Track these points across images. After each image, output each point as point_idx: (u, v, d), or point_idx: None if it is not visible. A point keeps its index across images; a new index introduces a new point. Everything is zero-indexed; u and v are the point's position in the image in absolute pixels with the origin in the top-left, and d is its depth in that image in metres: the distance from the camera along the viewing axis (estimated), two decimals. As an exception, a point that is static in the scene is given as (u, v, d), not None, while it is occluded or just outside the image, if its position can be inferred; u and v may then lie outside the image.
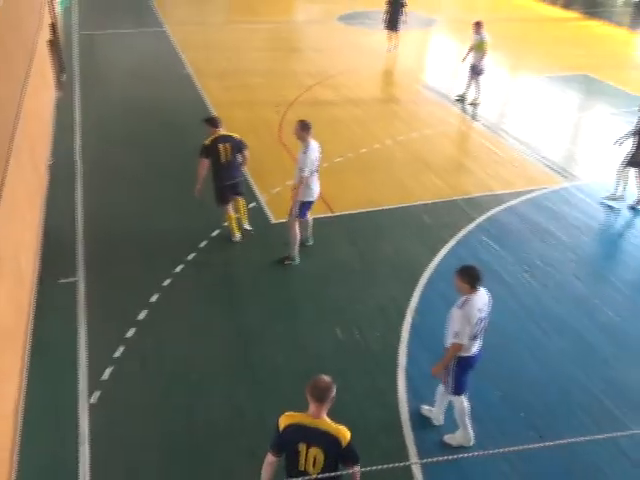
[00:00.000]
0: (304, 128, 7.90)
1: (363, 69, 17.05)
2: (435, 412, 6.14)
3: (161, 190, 10.45)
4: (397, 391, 6.49)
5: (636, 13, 26.38)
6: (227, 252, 8.80)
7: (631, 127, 10.27)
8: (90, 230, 9.18)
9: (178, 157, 11.64)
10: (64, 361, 6.78)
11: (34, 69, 11.05)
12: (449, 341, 5.46)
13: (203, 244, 8.87)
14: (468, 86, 14.67)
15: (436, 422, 6.14)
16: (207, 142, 8.63)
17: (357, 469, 4.25)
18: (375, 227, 9.39)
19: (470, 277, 5.28)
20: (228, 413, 6.21)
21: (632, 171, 10.20)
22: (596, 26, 23.45)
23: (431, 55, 19.98)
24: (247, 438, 5.93)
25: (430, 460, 5.67)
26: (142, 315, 7.45)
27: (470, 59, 14.49)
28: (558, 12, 26.39)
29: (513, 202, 10.27)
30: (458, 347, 5.37)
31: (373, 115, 13.76)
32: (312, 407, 4.22)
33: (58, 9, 17.95)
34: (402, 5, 18.10)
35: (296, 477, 4.18)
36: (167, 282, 8.04)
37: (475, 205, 10.13)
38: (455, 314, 5.31)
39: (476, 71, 14.41)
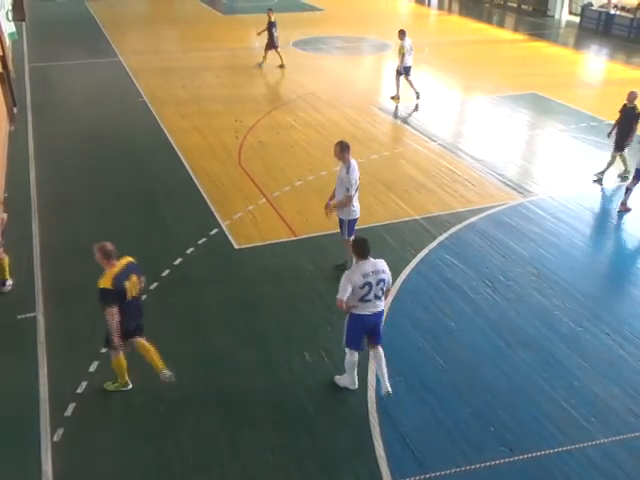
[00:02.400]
0: (344, 149, 8.23)
1: (319, 93, 17.25)
2: (382, 380, 6.60)
3: (119, 219, 10.31)
4: (368, 412, 6.46)
5: (580, 34, 27.43)
6: (191, 279, 8.70)
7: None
8: (48, 263, 8.97)
9: (135, 185, 11.56)
10: (25, 399, 6.55)
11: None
12: None
13: (166, 272, 8.75)
14: (412, 86, 16.57)
15: (385, 390, 6.54)
16: None
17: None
18: (338, 249, 9.41)
19: (356, 248, 6.35)
20: (199, 443, 6.08)
21: None
22: (543, 47, 24.28)
23: (386, 78, 20.32)
24: (220, 467, 5.82)
25: (404, 480, 5.70)
26: (105, 348, 7.25)
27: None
28: (507, 34, 27.25)
29: (473, 219, 10.46)
30: (339, 302, 6.18)
31: (331, 138, 13.82)
32: (110, 263, 6.03)
33: (7, 41, 17.68)
34: (270, 26, 19.33)
35: (127, 307, 6.09)
36: (130, 313, 7.88)
37: (436, 223, 10.27)
38: (343, 275, 6.26)
39: (400, 72, 16.44)
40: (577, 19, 29.19)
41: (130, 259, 6.29)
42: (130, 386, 6.67)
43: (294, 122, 14.97)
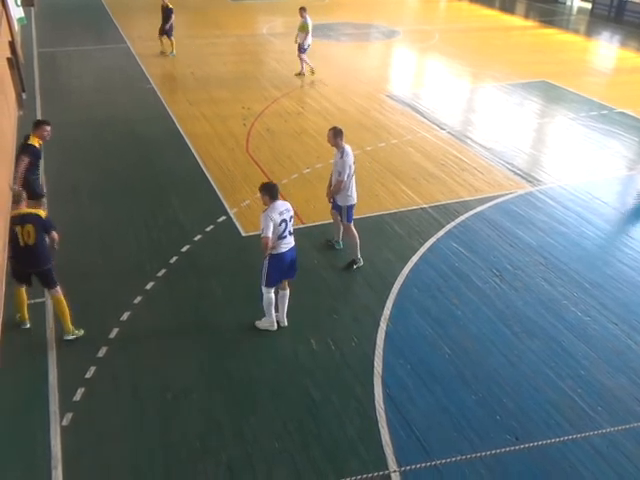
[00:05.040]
0: (337, 135, 8.42)
1: (328, 80, 17.17)
2: (280, 315, 7.47)
3: (127, 206, 10.34)
4: (374, 399, 6.49)
5: (591, 21, 27.13)
6: (198, 267, 8.73)
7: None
8: (56, 250, 9.00)
9: (143, 172, 11.58)
10: (34, 383, 6.62)
11: (-6, 87, 10.84)
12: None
13: (174, 259, 8.78)
14: (301, 63, 17.31)
15: (282, 324, 7.47)
16: None
17: (55, 234, 7.00)
18: (345, 237, 9.42)
19: (268, 191, 6.91)
20: (205, 428, 6.13)
21: None
22: (554, 34, 24.04)
23: (394, 65, 20.21)
24: (225, 452, 5.87)
25: (409, 468, 5.73)
26: (113, 334, 7.33)
27: (298, 39, 17.19)
28: (518, 21, 27.00)
29: (481, 208, 10.42)
30: (265, 240, 6.79)
31: (340, 126, 13.83)
32: (14, 206, 6.71)
33: (16, 26, 17.68)
34: (170, 12, 18.80)
35: (21, 252, 6.73)
36: (138, 299, 7.93)
37: (444, 212, 10.24)
38: (262, 217, 6.84)
39: (302, 49, 17.08)
40: (589, 6, 28.90)
41: (36, 212, 6.89)
42: (27, 325, 7.38)
43: (302, 109, 14.92)
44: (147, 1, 29.20)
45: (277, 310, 7.48)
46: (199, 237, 9.36)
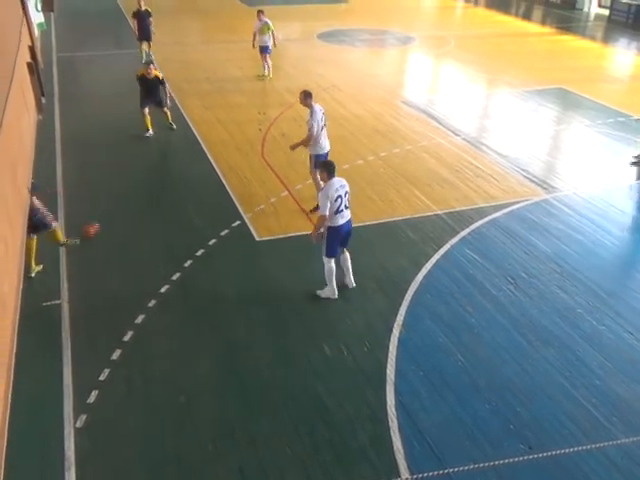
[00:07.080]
0: (307, 96, 9.70)
1: (343, 86, 17.20)
2: (347, 278, 8.25)
3: (143, 210, 10.42)
4: (387, 405, 6.47)
5: (609, 27, 26.95)
6: (212, 271, 8.77)
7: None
8: (73, 252, 9.11)
9: (159, 175, 11.67)
10: (49, 385, 6.68)
11: (13, 91, 10.96)
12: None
13: (188, 263, 8.84)
14: (264, 65, 17.61)
15: (350, 285, 8.26)
16: None
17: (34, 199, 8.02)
18: (360, 243, 9.40)
19: (328, 169, 7.54)
20: (218, 432, 6.15)
21: None
22: (571, 40, 23.92)
23: (410, 71, 20.22)
24: (237, 456, 5.89)
25: (421, 475, 5.71)
26: (127, 336, 7.38)
27: (258, 42, 17.37)
28: (534, 27, 26.88)
29: (496, 215, 10.38)
30: (322, 217, 7.51)
31: (354, 131, 13.87)
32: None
33: (36, 32, 17.89)
34: (149, 16, 18.34)
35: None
36: (152, 303, 7.98)
37: (458, 219, 10.21)
38: (319, 196, 7.64)
39: (266, 51, 17.42)
40: (606, 12, 28.71)
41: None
42: (32, 276, 8.38)
43: (317, 115, 14.93)
44: (163, 6, 29.46)
45: (344, 274, 8.24)
46: (214, 241, 9.41)
